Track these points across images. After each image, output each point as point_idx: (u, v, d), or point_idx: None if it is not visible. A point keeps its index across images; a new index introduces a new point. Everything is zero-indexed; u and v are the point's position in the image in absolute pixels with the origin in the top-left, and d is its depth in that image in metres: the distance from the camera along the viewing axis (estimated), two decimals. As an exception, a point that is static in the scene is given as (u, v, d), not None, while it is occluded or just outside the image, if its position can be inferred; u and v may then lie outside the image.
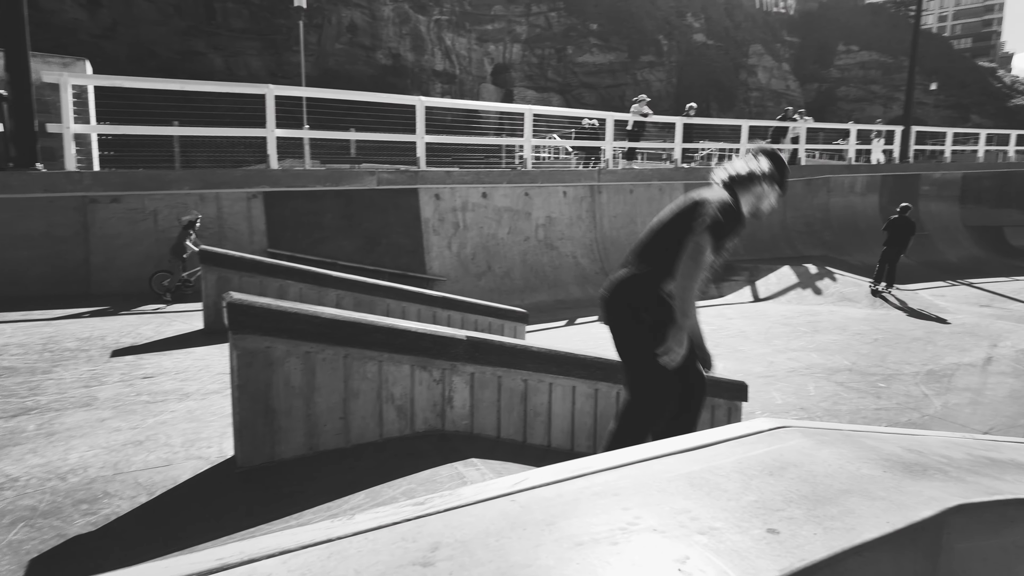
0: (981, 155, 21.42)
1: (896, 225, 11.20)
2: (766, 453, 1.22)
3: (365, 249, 9.12)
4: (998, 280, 14.14)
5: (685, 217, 2.46)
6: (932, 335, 8.11)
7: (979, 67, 54.25)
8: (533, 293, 10.34)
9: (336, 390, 2.79)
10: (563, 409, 3.43)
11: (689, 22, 40.18)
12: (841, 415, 5.31)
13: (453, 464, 2.73)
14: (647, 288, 2.51)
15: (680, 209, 2.55)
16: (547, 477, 1.12)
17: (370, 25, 30.22)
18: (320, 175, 9.11)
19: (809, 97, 45.51)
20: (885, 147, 19.34)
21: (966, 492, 1.11)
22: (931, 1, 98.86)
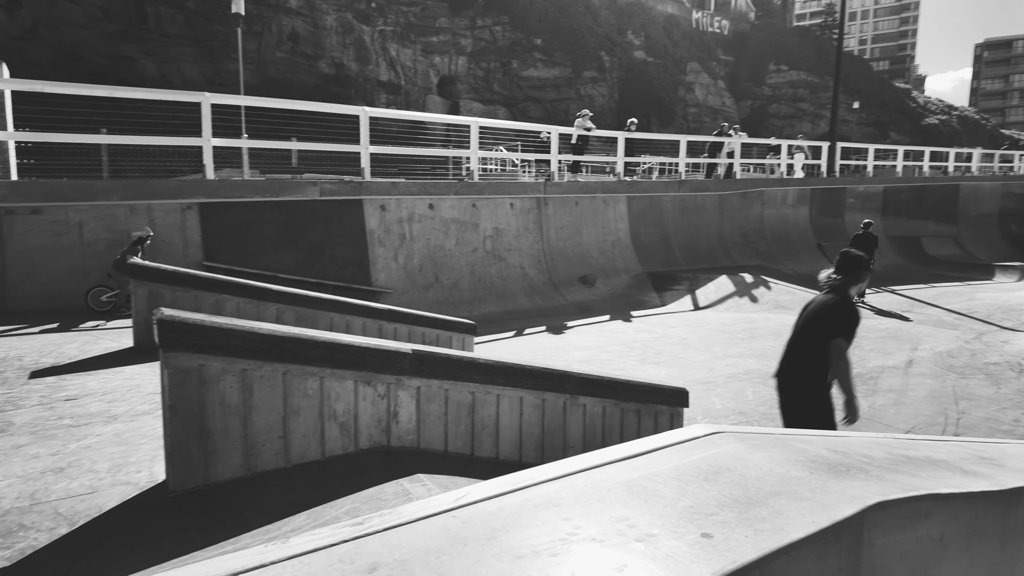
0: (900, 170, 22.91)
1: (860, 240, 12.23)
2: (702, 459, 1.26)
3: (307, 261, 8.91)
4: (917, 287, 15.10)
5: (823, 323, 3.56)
6: (859, 340, 8.53)
7: (896, 88, 58.14)
8: (481, 304, 10.34)
9: (275, 408, 2.71)
10: (511, 421, 3.43)
11: (630, 39, 41.40)
12: (777, 419, 5.51)
13: (399, 480, 2.69)
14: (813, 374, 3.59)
15: (819, 316, 3.61)
16: (489, 491, 1.12)
17: (312, 34, 29.72)
18: (259, 185, 8.86)
19: (743, 113, 47.59)
20: (807, 161, 20.42)
21: (885, 490, 1.17)
22: (852, 25, 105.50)
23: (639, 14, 43.09)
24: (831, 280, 3.76)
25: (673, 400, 4.18)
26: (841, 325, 3.50)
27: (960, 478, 1.53)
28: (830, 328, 3.51)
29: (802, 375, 3.63)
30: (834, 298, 3.66)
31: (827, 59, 48.02)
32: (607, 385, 3.83)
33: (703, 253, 14.50)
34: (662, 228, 14.11)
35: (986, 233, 22.97)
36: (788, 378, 3.70)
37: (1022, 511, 1.63)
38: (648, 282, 12.48)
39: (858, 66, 55.36)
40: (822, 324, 3.57)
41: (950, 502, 1.27)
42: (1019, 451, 2.37)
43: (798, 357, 3.67)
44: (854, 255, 3.76)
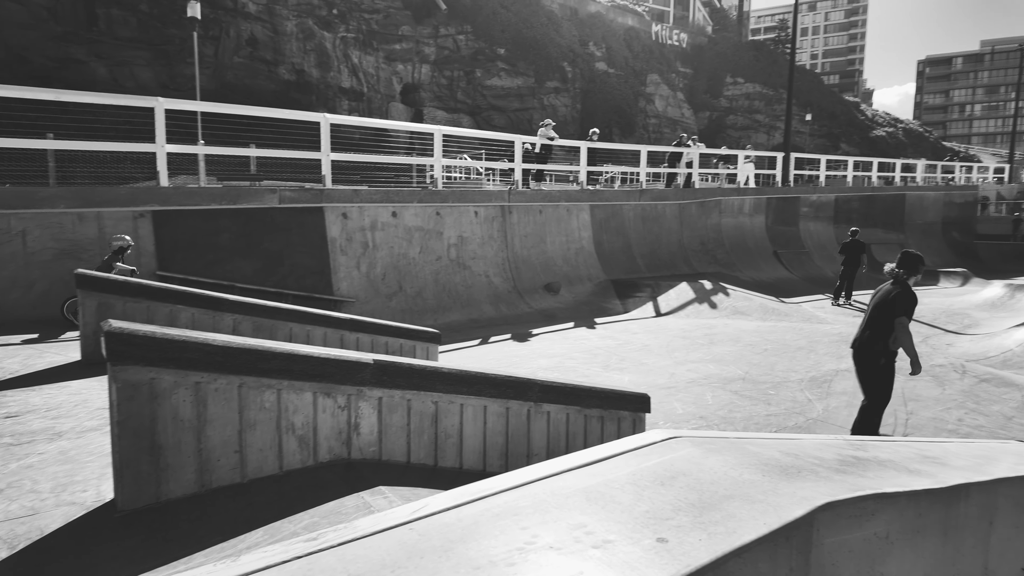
0: (850, 180, 23.81)
1: (849, 247, 13.25)
2: (659, 464, 1.28)
3: (266, 270, 8.72)
4: (868, 292, 15.64)
5: (890, 305, 4.71)
6: (814, 344, 8.84)
7: (846, 101, 60.46)
8: (446, 313, 10.29)
9: (231, 422, 2.63)
10: (475, 430, 3.41)
11: (591, 51, 42.02)
12: (736, 422, 5.65)
13: (360, 494, 2.65)
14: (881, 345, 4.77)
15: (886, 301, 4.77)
16: (448, 502, 1.11)
17: (272, 39, 29.24)
18: (216, 193, 8.65)
19: (702, 124, 48.76)
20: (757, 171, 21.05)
21: (833, 490, 1.21)
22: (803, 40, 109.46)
23: (600, 26, 43.81)
24: (896, 272, 4.89)
25: (635, 406, 4.22)
26: (904, 306, 4.65)
27: (905, 477, 1.59)
28: (896, 308, 4.66)
29: (871, 343, 4.83)
30: (897, 286, 4.80)
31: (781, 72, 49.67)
32: (570, 392, 3.85)
33: (664, 261, 14.76)
34: (624, 236, 14.31)
35: (931, 241, 24.04)
36: (862, 346, 4.94)
37: (963, 507, 1.70)
38: (611, 289, 12.63)
39: (810, 80, 57.43)
40: (889, 306, 4.72)
41: (895, 500, 1.32)
42: (961, 450, 2.48)
43: (870, 330, 4.87)
44: (913, 254, 4.96)
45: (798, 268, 17.66)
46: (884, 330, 4.73)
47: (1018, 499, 2.09)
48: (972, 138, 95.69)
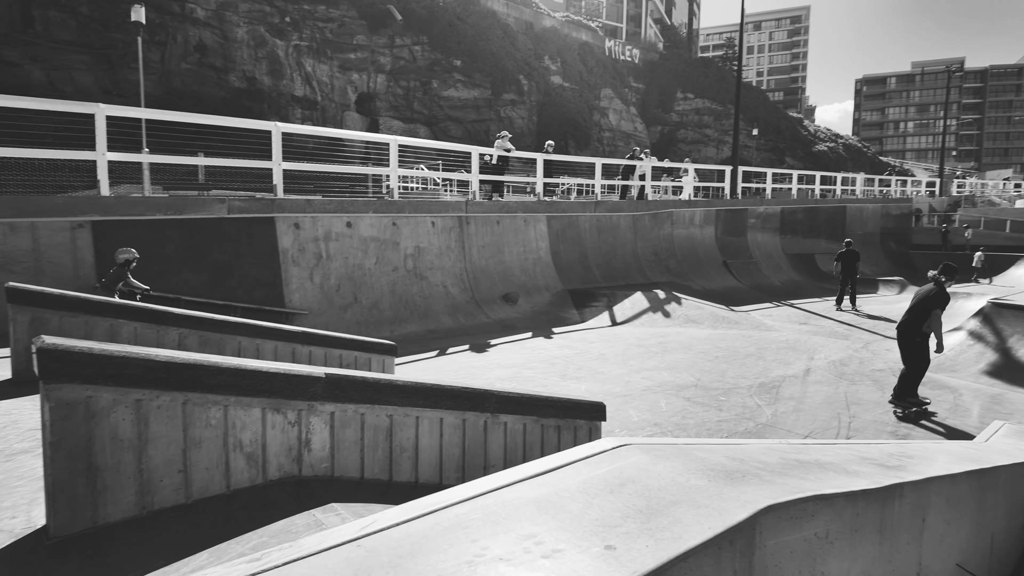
0: (795, 192, 24.78)
1: (845, 256, 14.38)
2: (608, 471, 1.30)
3: (214, 282, 8.45)
4: (813, 300, 16.29)
5: (929, 301, 6.24)
6: (762, 351, 9.12)
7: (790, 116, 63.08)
8: (403, 324, 10.18)
9: (174, 440, 2.53)
10: (431, 443, 3.38)
11: (547, 64, 42.61)
12: (689, 428, 5.77)
13: (311, 511, 2.58)
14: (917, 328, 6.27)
15: (926, 296, 6.31)
16: (398, 517, 1.10)
17: (222, 46, 28.55)
18: (161, 203, 8.35)
19: (654, 138, 49.98)
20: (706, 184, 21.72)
21: (775, 493, 1.25)
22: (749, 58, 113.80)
23: (555, 40, 44.50)
24: (936, 277, 6.43)
25: (591, 414, 4.26)
26: (938, 302, 6.21)
27: (844, 478, 1.66)
28: (932, 303, 6.22)
29: (912, 328, 6.35)
30: (935, 287, 6.35)
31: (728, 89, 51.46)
32: (528, 402, 3.85)
33: (619, 271, 15.01)
34: (581, 247, 14.50)
35: (870, 250, 25.20)
36: (904, 328, 6.44)
37: (897, 506, 1.78)
38: (568, 299, 12.76)
39: (756, 96, 59.68)
40: (928, 301, 6.27)
41: (833, 501, 1.38)
42: (897, 450, 2.60)
43: (911, 316, 6.38)
44: (951, 265, 6.48)
45: (746, 277, 18.23)
46: (921, 318, 6.27)
47: (948, 496, 2.20)
48: (906, 153, 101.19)
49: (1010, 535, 2.85)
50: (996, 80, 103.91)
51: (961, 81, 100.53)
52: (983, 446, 3.36)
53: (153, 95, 24.47)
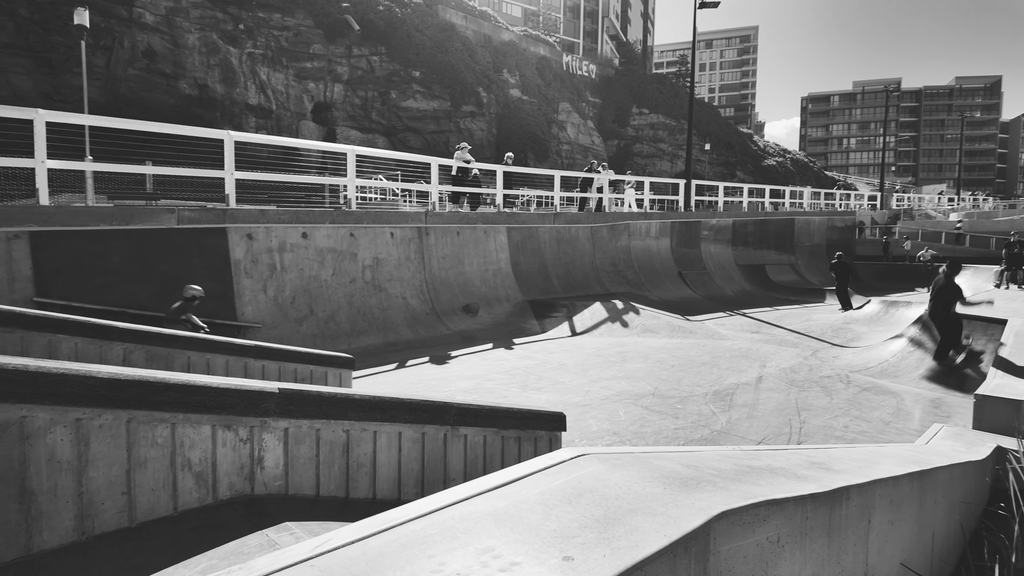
0: (745, 206, 25.60)
1: (838, 267, 16.74)
2: (567, 482, 1.30)
3: (163, 295, 8.14)
4: (764, 310, 16.80)
5: (947, 290, 8.48)
6: (716, 359, 9.34)
7: (740, 132, 65.28)
8: (361, 336, 10.02)
9: (118, 460, 2.42)
10: (389, 458, 3.33)
11: (505, 77, 43.00)
12: (647, 436, 5.85)
13: (264, 531, 2.50)
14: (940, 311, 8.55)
15: (942, 290, 8.50)
16: (353, 535, 1.07)
17: (172, 52, 27.77)
18: (105, 212, 8.02)
19: (611, 152, 50.93)
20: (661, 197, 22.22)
21: (728, 499, 1.28)
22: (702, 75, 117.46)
23: (513, 54, 44.98)
24: (945, 272, 8.61)
25: (552, 425, 4.27)
26: (955, 294, 8.46)
27: (794, 483, 1.71)
28: (951, 297, 8.45)
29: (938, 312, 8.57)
30: (945, 280, 8.54)
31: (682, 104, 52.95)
32: (488, 414, 3.84)
33: (578, 281, 15.17)
34: (540, 258, 14.60)
35: (817, 261, 26.20)
36: (933, 314, 8.67)
37: (844, 508, 1.84)
38: (529, 310, 12.81)
39: (708, 112, 61.57)
40: (947, 295, 8.46)
41: (784, 506, 1.41)
42: (844, 454, 2.69)
43: (936, 305, 8.59)
44: (957, 260, 9.16)
45: (701, 288, 18.68)
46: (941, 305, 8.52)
47: (892, 497, 2.29)
48: (849, 168, 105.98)
49: (949, 533, 2.99)
50: (930, 100, 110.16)
51: (898, 100, 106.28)
52: (924, 448, 3.51)
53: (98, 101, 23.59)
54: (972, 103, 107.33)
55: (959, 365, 8.62)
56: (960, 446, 3.66)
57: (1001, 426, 5.31)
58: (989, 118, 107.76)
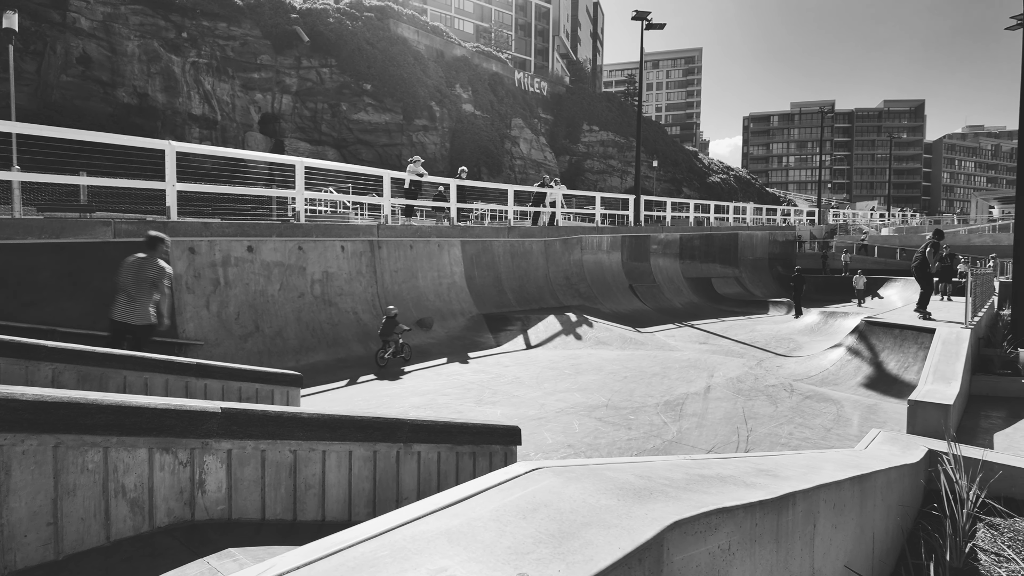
0: (692, 220, 26.37)
1: (796, 279, 19.43)
2: (521, 497, 1.29)
3: (97, 312, 7.73)
4: (711, 321, 17.27)
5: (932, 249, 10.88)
6: (667, 370, 9.53)
7: (686, 150, 67.40)
8: (310, 353, 9.75)
9: (43, 489, 2.26)
10: (339, 478, 3.23)
11: (458, 92, 43.18)
12: (601, 448, 5.89)
13: (205, 559, 2.38)
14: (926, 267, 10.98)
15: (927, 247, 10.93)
16: (299, 559, 1.03)
17: (109, 59, 26.68)
18: (33, 225, 7.58)
19: (563, 167, 51.70)
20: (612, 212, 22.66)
21: (680, 509, 1.29)
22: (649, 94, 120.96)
23: (466, 69, 45.26)
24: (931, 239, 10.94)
25: (506, 439, 4.25)
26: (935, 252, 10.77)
27: (743, 490, 1.74)
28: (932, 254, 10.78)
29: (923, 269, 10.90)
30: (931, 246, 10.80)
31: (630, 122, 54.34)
32: (442, 430, 3.79)
33: (532, 295, 15.25)
34: (495, 271, 14.61)
35: (760, 274, 27.17)
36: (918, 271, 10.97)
37: (791, 514, 1.89)
38: (484, 323, 12.77)
39: (655, 130, 63.40)
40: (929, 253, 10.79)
41: (734, 513, 1.44)
42: (789, 461, 2.77)
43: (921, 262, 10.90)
44: (940, 230, 11.48)
45: (651, 300, 19.07)
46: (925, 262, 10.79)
47: (835, 502, 2.37)
48: (789, 185, 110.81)
49: (888, 535, 3.11)
50: (861, 121, 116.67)
51: (833, 121, 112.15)
52: (863, 453, 3.66)
53: (27, 108, 22.43)
54: (899, 125, 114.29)
55: (893, 374, 9.07)
56: (896, 450, 3.84)
57: (932, 429, 5.59)
58: (914, 139, 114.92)
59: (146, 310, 5.93)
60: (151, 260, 6.01)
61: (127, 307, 5.87)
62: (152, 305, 6.00)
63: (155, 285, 6.00)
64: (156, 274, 5.98)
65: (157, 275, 5.99)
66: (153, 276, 5.96)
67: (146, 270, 5.95)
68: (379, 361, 9.60)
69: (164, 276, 6.07)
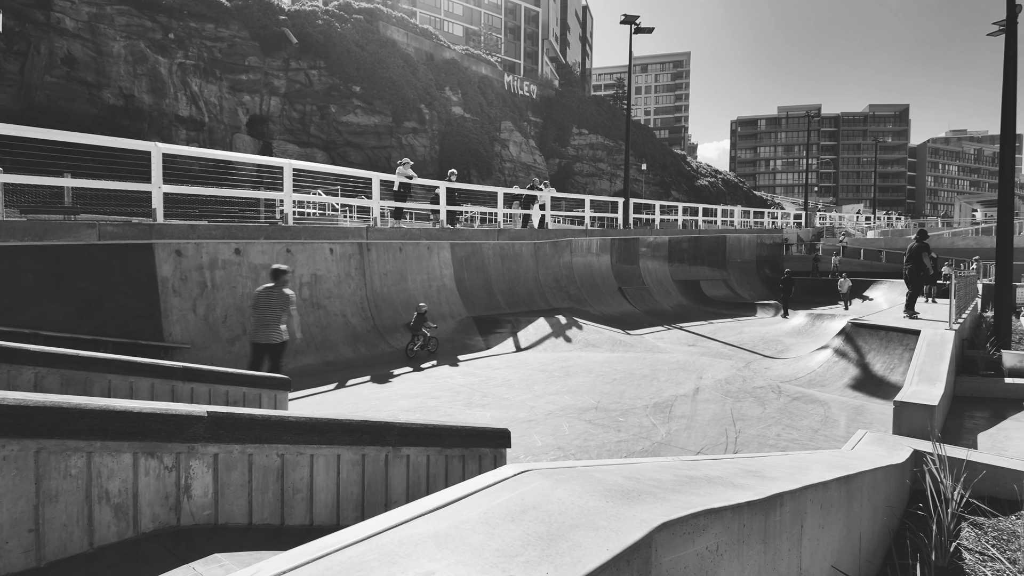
0: (680, 223, 26.51)
1: (786, 281, 20.28)
2: (510, 499, 1.28)
3: (81, 316, 7.65)
4: (699, 323, 17.36)
5: (919, 250, 11.24)
6: (656, 372, 9.56)
7: (675, 153, 67.79)
8: (298, 356, 9.69)
9: (24, 495, 2.22)
10: (327, 481, 3.20)
11: (448, 95, 43.16)
12: (590, 450, 5.89)
13: (191, 564, 2.35)
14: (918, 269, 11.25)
15: (916, 247, 11.30)
16: (285, 563, 1.02)
17: (95, 60, 26.41)
18: (17, 227, 7.48)
19: (553, 170, 51.81)
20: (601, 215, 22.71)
21: (669, 510, 1.29)
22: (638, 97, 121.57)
23: (455, 72, 45.26)
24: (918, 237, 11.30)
25: (496, 442, 4.24)
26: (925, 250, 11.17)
27: (731, 491, 1.75)
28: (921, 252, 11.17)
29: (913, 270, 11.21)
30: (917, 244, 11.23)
31: (619, 126, 54.58)
32: (431, 433, 3.77)
33: (522, 297, 15.25)
34: (485, 274, 14.60)
35: (748, 277, 27.36)
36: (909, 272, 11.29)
37: (778, 514, 1.90)
38: (473, 326, 12.75)
39: (644, 134, 63.71)
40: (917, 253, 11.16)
41: (722, 514, 1.44)
42: (777, 462, 2.79)
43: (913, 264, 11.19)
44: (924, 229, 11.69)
45: (640, 303, 19.14)
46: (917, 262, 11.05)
47: (822, 502, 2.39)
48: (776, 188, 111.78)
49: (874, 534, 3.14)
50: (847, 125, 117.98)
51: (819, 125, 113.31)
52: (849, 454, 3.69)
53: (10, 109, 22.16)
54: (884, 129, 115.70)
55: (879, 375, 9.16)
56: (882, 450, 3.87)
57: (917, 430, 5.65)
58: (899, 143, 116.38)
59: (279, 330, 7.10)
60: (278, 289, 7.15)
61: (264, 331, 7.05)
62: (283, 325, 7.14)
63: (284, 309, 7.15)
64: (283, 300, 7.15)
65: (284, 301, 7.16)
66: (281, 302, 7.14)
67: (275, 298, 7.11)
68: (408, 353, 10.48)
69: (289, 301, 7.22)
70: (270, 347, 7.09)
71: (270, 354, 7.09)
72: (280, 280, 7.21)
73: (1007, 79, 10.91)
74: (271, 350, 7.10)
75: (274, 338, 7.08)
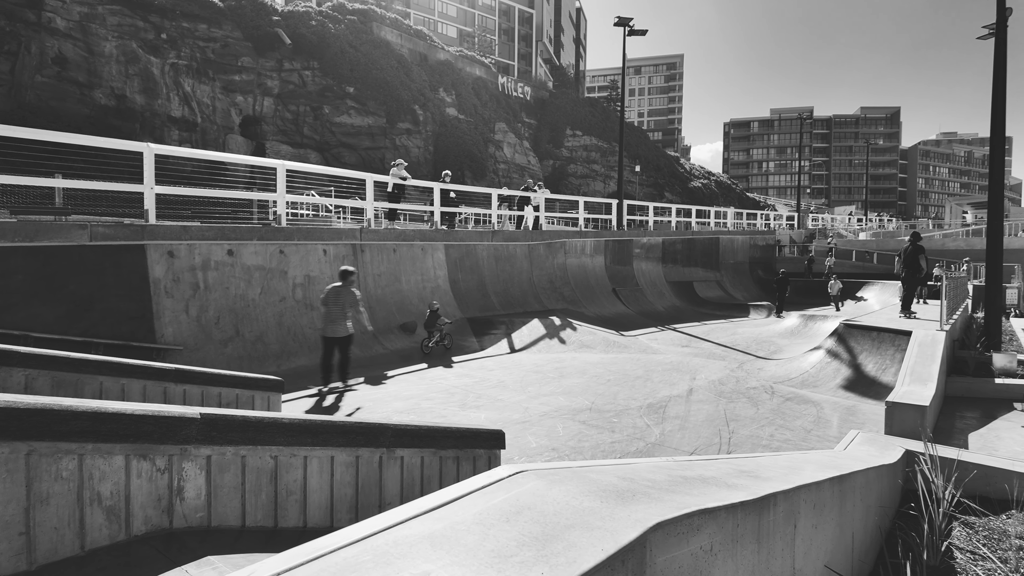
0: (674, 225, 26.59)
1: (780, 281, 20.57)
2: (505, 500, 1.28)
3: (72, 317, 7.59)
4: (693, 324, 17.41)
5: (915, 252, 11.56)
6: (650, 373, 9.58)
7: (668, 155, 67.98)
8: (292, 358, 9.65)
9: (15, 498, 2.20)
10: (321, 483, 3.20)
11: (442, 96, 43.12)
12: (585, 451, 5.90)
13: (184, 567, 2.34)
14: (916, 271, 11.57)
15: (912, 248, 11.61)
16: (279, 565, 1.01)
17: (86, 60, 26.24)
18: (6, 228, 7.42)
19: (547, 172, 51.86)
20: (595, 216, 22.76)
21: (663, 510, 1.30)
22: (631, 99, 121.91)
23: (449, 74, 45.23)
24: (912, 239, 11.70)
25: (490, 443, 4.24)
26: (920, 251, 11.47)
27: (725, 492, 1.76)
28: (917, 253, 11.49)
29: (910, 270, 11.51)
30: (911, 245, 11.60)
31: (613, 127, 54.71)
32: (425, 434, 3.77)
33: (517, 298, 15.25)
34: (479, 275, 14.59)
35: (741, 278, 27.47)
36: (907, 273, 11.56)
37: (772, 514, 1.91)
38: (468, 327, 12.74)
39: (638, 135, 63.88)
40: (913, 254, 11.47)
41: (716, 514, 1.45)
42: (771, 462, 2.80)
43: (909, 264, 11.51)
44: (917, 232, 11.96)
45: (634, 304, 19.19)
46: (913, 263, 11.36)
47: (815, 502, 2.40)
48: (768, 190, 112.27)
49: (867, 534, 3.15)
50: (839, 127, 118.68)
51: (811, 127, 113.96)
52: (842, 454, 3.71)
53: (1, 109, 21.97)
54: (875, 131, 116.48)
55: (871, 376, 9.22)
56: (874, 451, 3.89)
57: (909, 430, 5.69)
58: (890, 145, 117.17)
59: (345, 325, 7.97)
60: (346, 288, 8.00)
61: (333, 325, 7.91)
62: (349, 320, 8.01)
63: (351, 305, 8.01)
64: (350, 298, 8.00)
65: (351, 299, 8.02)
66: (349, 300, 7.98)
67: (343, 296, 7.95)
68: (424, 349, 10.93)
69: (356, 299, 8.10)
70: (339, 340, 7.99)
71: (339, 346, 8.01)
72: (348, 280, 8.04)
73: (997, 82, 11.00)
74: (340, 343, 8.01)
75: (341, 332, 7.93)
